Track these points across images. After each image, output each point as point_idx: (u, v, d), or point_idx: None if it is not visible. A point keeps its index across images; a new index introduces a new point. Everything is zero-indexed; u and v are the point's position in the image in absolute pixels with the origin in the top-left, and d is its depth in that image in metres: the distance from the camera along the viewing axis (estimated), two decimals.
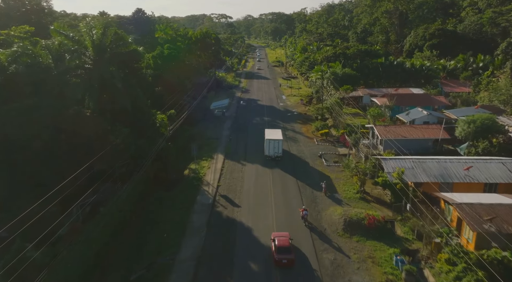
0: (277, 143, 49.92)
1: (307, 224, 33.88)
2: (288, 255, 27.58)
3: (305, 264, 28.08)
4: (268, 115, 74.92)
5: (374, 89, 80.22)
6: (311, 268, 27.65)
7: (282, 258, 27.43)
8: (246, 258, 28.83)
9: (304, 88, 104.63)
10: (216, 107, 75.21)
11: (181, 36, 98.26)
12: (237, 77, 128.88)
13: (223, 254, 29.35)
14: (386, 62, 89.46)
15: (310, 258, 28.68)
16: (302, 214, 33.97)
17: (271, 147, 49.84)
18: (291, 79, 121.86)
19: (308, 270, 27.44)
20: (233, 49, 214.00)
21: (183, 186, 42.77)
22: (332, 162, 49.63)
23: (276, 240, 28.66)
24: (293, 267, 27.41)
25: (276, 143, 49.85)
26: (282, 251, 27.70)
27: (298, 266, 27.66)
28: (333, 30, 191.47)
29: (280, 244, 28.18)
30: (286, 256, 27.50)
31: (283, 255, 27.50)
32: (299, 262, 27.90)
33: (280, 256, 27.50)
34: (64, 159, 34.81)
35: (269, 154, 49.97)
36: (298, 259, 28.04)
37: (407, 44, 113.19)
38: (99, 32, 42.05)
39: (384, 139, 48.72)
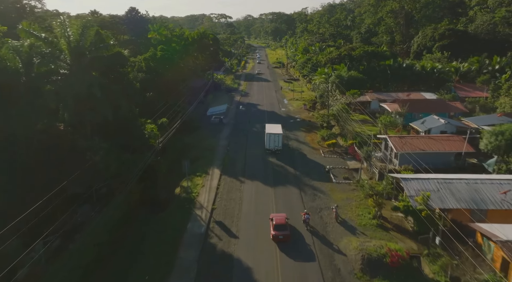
0: (277, 136, 52.25)
1: (308, 228, 32.95)
2: (284, 231, 30.76)
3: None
4: (270, 122, 69.27)
5: (383, 93, 74.80)
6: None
7: (279, 234, 30.44)
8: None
9: (306, 91, 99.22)
10: (213, 114, 69.74)
11: (176, 37, 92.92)
12: (237, 80, 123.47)
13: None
14: (395, 64, 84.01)
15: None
16: (304, 217, 33.24)
17: (271, 140, 52.31)
18: (293, 82, 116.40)
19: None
20: (233, 49, 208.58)
21: (173, 209, 37.32)
22: (341, 179, 44.18)
23: (274, 219, 31.99)
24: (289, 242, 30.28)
25: (276, 137, 52.20)
26: (279, 228, 30.93)
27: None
28: (335, 30, 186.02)
29: (277, 222, 31.49)
30: (283, 232, 30.65)
31: (280, 232, 30.63)
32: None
33: (277, 232, 30.60)
34: (29, 183, 29.44)
35: (270, 147, 52.48)
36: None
37: (415, 45, 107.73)
38: (76, 33, 36.69)
39: (400, 153, 43.37)
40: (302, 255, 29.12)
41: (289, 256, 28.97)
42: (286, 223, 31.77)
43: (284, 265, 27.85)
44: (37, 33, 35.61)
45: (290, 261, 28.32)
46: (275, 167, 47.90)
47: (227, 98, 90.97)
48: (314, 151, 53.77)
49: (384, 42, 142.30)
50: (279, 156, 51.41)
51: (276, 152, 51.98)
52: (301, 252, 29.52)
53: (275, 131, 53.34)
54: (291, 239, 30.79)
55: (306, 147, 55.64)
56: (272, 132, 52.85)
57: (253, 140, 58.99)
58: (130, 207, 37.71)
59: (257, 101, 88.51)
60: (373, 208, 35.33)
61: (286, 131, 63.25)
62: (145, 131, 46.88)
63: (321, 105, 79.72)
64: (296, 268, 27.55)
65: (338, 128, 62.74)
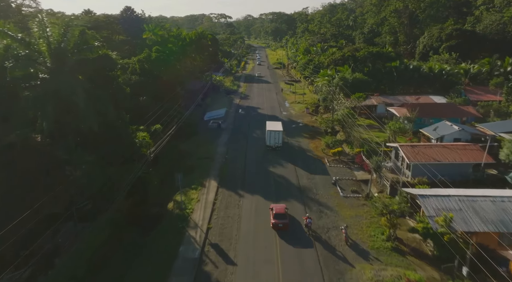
0: (278, 133, 53.66)
1: (310, 232, 32.09)
2: (283, 220, 32.71)
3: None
4: None
5: (390, 97, 71.18)
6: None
7: (279, 223, 32.38)
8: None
9: (309, 94, 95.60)
10: (211, 118, 66.14)
11: (173, 37, 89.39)
12: (236, 81, 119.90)
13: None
14: (401, 66, 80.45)
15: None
16: (306, 222, 32.36)
17: (271, 137, 53.73)
18: (294, 83, 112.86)
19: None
20: (232, 50, 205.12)
21: (165, 228, 33.71)
22: (349, 192, 40.58)
23: (274, 209, 33.79)
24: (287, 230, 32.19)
25: (276, 134, 53.65)
26: (278, 217, 32.82)
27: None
28: (336, 31, 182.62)
29: (277, 211, 33.38)
30: (282, 221, 32.61)
31: (280, 220, 32.56)
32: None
33: (277, 221, 32.52)
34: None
35: (270, 144, 53.90)
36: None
37: (420, 45, 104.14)
38: (57, 34, 33.13)
39: (413, 164, 39.81)
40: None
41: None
42: (286, 213, 33.70)
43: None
44: (13, 34, 31.99)
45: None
46: (276, 178, 44.31)
47: (226, 101, 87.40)
48: (319, 160, 50.14)
49: (387, 42, 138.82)
50: (282, 167, 47.89)
51: (277, 149, 53.52)
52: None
53: (276, 128, 54.95)
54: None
55: (310, 155, 52.02)
56: (273, 129, 54.49)
57: (253, 147, 55.40)
58: (117, 226, 34.16)
59: (257, 105, 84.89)
60: (386, 228, 31.74)
61: (288, 137, 59.73)
62: (136, 139, 43.28)
63: (324, 109, 76.18)
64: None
65: (343, 134, 59.15)
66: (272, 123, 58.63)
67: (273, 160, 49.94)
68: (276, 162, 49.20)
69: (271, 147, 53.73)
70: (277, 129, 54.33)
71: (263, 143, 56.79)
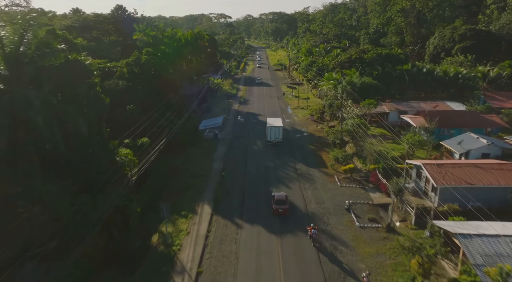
0: (278, 129, 55.45)
1: (316, 244, 30.23)
2: (283, 205, 35.14)
3: None
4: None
5: (402, 103, 65.15)
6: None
7: (279, 208, 34.82)
8: None
9: (312, 98, 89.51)
10: (207, 127, 60.06)
11: (168, 38, 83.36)
12: (235, 84, 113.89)
13: None
14: (413, 69, 74.41)
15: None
16: (311, 232, 30.69)
17: (272, 133, 55.45)
18: (297, 87, 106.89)
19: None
20: (232, 50, 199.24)
21: (146, 272, 27.68)
22: (367, 220, 34.58)
23: (275, 196, 36.22)
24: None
25: (277, 130, 55.41)
26: (279, 203, 35.19)
27: None
28: (339, 31, 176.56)
29: (278, 198, 35.80)
30: (282, 206, 35.05)
31: (280, 206, 35.00)
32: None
33: (277, 206, 34.91)
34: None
35: (271, 139, 55.70)
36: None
37: (431, 46, 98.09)
38: (13, 35, 27.17)
39: (441, 187, 33.82)
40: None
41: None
42: (286, 199, 36.21)
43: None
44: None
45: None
46: None
47: (225, 107, 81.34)
48: (328, 178, 44.07)
49: (393, 43, 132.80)
50: (286, 187, 41.87)
51: (277, 144, 55.24)
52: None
53: (276, 124, 56.71)
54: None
55: (317, 172, 45.96)
56: (273, 125, 56.23)
57: (253, 162, 49.35)
58: (89, 268, 28.16)
59: (257, 111, 78.81)
60: (418, 275, 25.70)
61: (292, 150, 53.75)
62: (118, 158, 37.24)
63: (330, 116, 70.13)
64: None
65: (353, 146, 53.08)
66: (272, 119, 61.05)
67: (276, 178, 43.93)
68: (279, 181, 43.21)
69: (271, 142, 55.57)
70: (277, 125, 56.19)
71: (264, 157, 50.84)
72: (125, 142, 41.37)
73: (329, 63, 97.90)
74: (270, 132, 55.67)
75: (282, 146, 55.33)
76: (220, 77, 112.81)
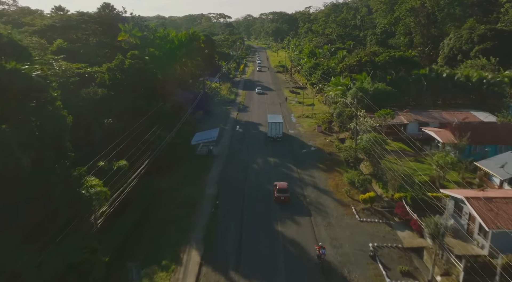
0: (278, 125, 57.55)
1: (324, 267, 26.99)
2: (285, 193, 37.77)
3: None
4: (275, 153, 52.33)
5: (422, 113, 57.69)
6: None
7: (281, 196, 37.49)
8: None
9: (318, 105, 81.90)
10: (201, 142, 52.46)
11: (160, 39, 75.90)
12: (234, 88, 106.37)
13: None
14: (431, 74, 66.91)
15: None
16: (319, 252, 27.80)
17: (273, 129, 57.28)
18: (300, 91, 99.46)
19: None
20: (231, 52, 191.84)
21: None
22: (398, 274, 27.02)
23: (277, 185, 38.48)
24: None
25: (277, 125, 57.44)
26: (281, 191, 37.77)
27: None
28: (343, 31, 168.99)
29: (280, 186, 38.28)
30: (284, 194, 37.67)
31: (282, 194, 37.61)
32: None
33: (279, 194, 37.53)
34: None
35: (271, 135, 57.43)
36: None
37: (445, 48, 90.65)
38: None
39: (495, 232, 26.36)
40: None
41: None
42: (287, 188, 38.19)
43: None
44: None
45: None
46: (287, 244, 30.74)
47: (222, 115, 73.83)
48: (343, 209, 36.50)
49: (401, 44, 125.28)
50: (294, 224, 34.33)
51: (277, 139, 57.02)
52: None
53: (276, 120, 58.87)
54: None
55: (330, 201, 38.38)
56: (274, 121, 58.29)
57: (254, 186, 41.85)
58: None
59: (258, 119, 71.29)
60: None
61: (299, 170, 46.25)
62: (84, 190, 29.70)
63: (340, 126, 62.67)
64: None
65: (369, 165, 45.57)
66: (273, 116, 63.25)
67: (282, 209, 36.41)
68: (285, 213, 35.69)
69: (272, 137, 57.46)
70: (277, 121, 58.60)
71: (267, 179, 43.38)
72: (99, 165, 33.99)
73: (336, 66, 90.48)
74: (271, 129, 57.68)
75: (288, 164, 47.87)
76: (218, 81, 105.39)
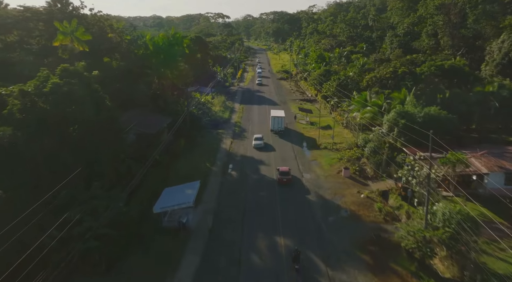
0: (280, 119, 61.87)
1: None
2: (287, 176, 41.42)
3: None
4: (288, 226, 33.21)
5: (506, 154, 38.67)
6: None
7: (283, 178, 41.18)
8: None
9: (337, 128, 62.53)
10: (169, 208, 33.18)
11: (128, 44, 57.05)
12: (230, 101, 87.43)
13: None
14: (503, 92, 47.90)
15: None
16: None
17: (275, 123, 61.53)
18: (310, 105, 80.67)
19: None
20: (229, 54, 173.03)
21: None
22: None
23: (279, 169, 42.62)
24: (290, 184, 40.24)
25: (279, 119, 61.75)
26: (283, 174, 41.58)
27: None
28: (353, 32, 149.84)
29: (282, 170, 42.23)
30: (286, 177, 41.32)
31: (284, 176, 41.32)
32: None
33: (281, 176, 41.30)
34: None
35: (274, 129, 61.63)
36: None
37: (495, 53, 71.59)
38: None
39: None
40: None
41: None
42: (289, 171, 42.04)
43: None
44: None
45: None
46: None
47: (209, 146, 54.76)
48: None
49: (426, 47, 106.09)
50: None
51: (280, 132, 60.44)
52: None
53: (279, 115, 63.16)
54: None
55: None
56: (276, 115, 62.46)
57: None
58: None
59: (258, 155, 52.00)
60: None
61: (328, 269, 27.12)
62: None
63: (374, 169, 43.64)
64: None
65: (451, 263, 26.46)
66: (275, 111, 67.41)
67: None
68: None
69: (274, 131, 60.85)
70: (280, 116, 62.37)
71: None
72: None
73: (357, 77, 71.61)
74: (274, 123, 61.17)
75: (310, 254, 28.70)
76: (211, 92, 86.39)
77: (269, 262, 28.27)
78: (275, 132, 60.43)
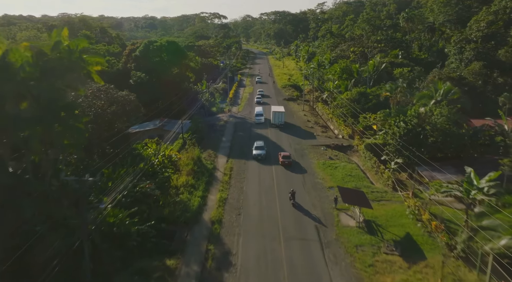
0: (281, 114, 65.78)
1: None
2: (288, 159, 47.37)
3: None
4: None
5: None
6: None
7: (285, 161, 46.94)
8: None
9: (412, 226, 27.97)
10: None
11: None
12: (211, 150, 52.95)
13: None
14: None
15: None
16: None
17: (276, 117, 65.39)
18: (344, 157, 46.62)
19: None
20: (222, 62, 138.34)
21: None
22: None
23: (282, 153, 48.52)
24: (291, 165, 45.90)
25: (280, 114, 65.64)
26: (285, 157, 47.54)
27: None
28: (384, 35, 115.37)
29: (284, 154, 48.32)
30: (287, 160, 47.22)
31: (285, 159, 47.15)
32: None
33: (284, 159, 47.12)
34: None
35: (274, 123, 65.45)
36: None
37: None
38: None
39: None
40: None
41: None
42: (290, 155, 48.46)
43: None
44: None
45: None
46: None
47: None
48: None
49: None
50: None
51: (280, 126, 64.52)
52: None
53: (279, 110, 67.37)
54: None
55: None
56: (277, 110, 66.47)
57: None
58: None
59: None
60: None
61: None
62: None
63: None
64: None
65: None
66: (276, 106, 72.40)
67: None
68: None
69: (275, 124, 65.15)
70: (280, 111, 66.85)
71: None
72: None
73: (444, 123, 37.35)
74: (274, 117, 65.37)
75: None
76: (187, 129, 52.10)
77: None
78: (275, 126, 64.46)
